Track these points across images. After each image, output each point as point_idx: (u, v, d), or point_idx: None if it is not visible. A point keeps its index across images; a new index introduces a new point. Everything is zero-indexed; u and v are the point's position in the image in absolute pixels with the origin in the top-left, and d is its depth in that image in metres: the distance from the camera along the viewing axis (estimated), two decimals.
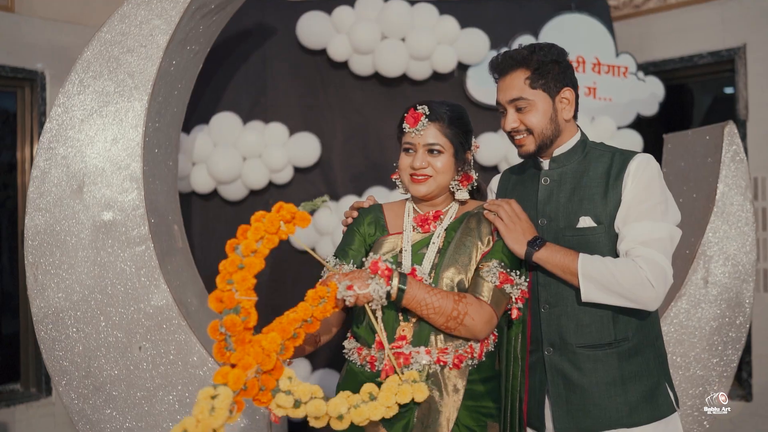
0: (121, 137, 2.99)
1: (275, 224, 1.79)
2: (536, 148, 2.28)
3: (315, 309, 1.83)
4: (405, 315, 2.13)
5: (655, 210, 2.14)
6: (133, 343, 2.95)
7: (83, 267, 2.95)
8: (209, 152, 4.27)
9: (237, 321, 1.70)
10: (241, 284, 1.73)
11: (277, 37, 4.55)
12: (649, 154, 2.25)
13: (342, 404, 1.82)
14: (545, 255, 2.14)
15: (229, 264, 1.75)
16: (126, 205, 2.97)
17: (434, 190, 2.25)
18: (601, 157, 2.28)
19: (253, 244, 1.77)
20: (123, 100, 2.99)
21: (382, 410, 1.87)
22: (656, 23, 5.24)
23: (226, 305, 1.71)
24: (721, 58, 5.01)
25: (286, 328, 1.77)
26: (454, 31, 4.47)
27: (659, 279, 2.07)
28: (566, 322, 2.25)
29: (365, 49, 4.33)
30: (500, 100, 2.30)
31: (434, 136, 2.20)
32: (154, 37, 3.00)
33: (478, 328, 2.08)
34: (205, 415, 1.55)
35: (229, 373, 1.64)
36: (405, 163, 2.25)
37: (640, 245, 2.10)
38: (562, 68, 2.27)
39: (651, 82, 4.98)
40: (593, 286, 2.09)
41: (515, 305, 2.20)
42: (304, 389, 1.78)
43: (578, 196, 2.24)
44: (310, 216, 1.85)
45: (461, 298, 2.08)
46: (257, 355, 1.70)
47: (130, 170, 2.99)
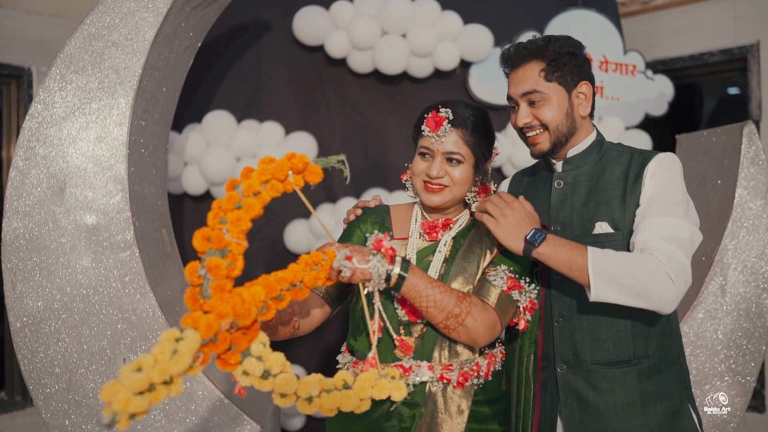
0: (105, 136, 2.86)
1: (284, 171, 1.66)
2: (551, 146, 2.16)
3: (306, 274, 1.67)
4: (407, 328, 2.01)
5: (677, 207, 2.00)
6: (117, 354, 2.82)
7: (64, 274, 2.81)
8: (202, 152, 4.19)
9: (221, 264, 1.54)
10: (235, 224, 1.58)
11: (273, 33, 4.48)
12: (672, 153, 2.12)
13: (314, 385, 1.66)
14: (547, 250, 1.91)
15: (225, 201, 1.61)
16: (110, 208, 2.84)
17: (448, 202, 2.12)
18: (618, 158, 2.16)
19: (256, 185, 1.64)
20: (107, 97, 2.86)
21: (354, 401, 1.71)
22: (665, 20, 5.16)
23: (212, 245, 1.56)
24: (733, 56, 4.92)
25: (272, 285, 1.60)
26: (456, 27, 4.41)
27: (680, 276, 1.89)
28: (581, 337, 2.12)
29: (364, 45, 4.27)
30: (512, 94, 2.19)
31: (455, 143, 2.06)
32: (141, 30, 2.87)
33: (480, 331, 1.94)
34: (165, 356, 1.37)
35: (201, 318, 1.46)
36: (419, 168, 2.11)
37: (659, 239, 1.94)
38: (579, 61, 2.15)
39: (660, 80, 4.93)
40: (603, 282, 1.87)
41: (523, 315, 2.07)
42: (276, 359, 1.60)
43: (594, 200, 2.12)
44: (322, 171, 1.71)
45: (465, 296, 1.95)
46: (236, 306, 1.52)
47: (114, 171, 2.85)
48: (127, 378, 1.31)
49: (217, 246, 1.56)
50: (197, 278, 1.55)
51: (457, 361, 2.01)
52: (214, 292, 1.53)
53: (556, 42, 2.14)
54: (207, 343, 1.48)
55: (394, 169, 4.42)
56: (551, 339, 2.16)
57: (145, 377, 1.33)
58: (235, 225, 1.58)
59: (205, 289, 1.54)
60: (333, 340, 4.33)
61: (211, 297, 1.53)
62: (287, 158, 1.68)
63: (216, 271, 1.54)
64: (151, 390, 1.34)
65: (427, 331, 2.02)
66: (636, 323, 2.08)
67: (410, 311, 2.00)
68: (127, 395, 1.30)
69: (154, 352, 1.37)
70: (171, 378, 1.38)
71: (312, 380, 1.67)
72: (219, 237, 1.56)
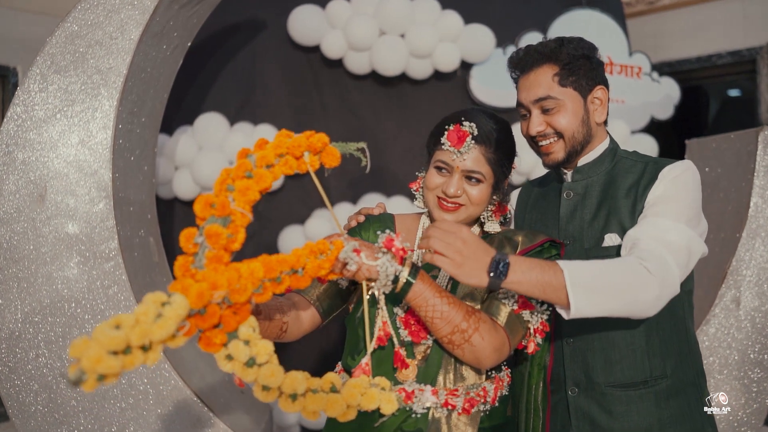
0: (88, 140, 2.76)
1: (301, 148, 1.58)
2: (566, 155, 2.03)
3: (310, 261, 1.56)
4: (410, 349, 1.88)
5: (680, 212, 1.86)
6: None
7: (45, 285, 2.72)
8: (193, 156, 4.12)
9: (222, 233, 1.44)
10: (243, 193, 1.49)
11: (268, 33, 4.43)
12: (690, 162, 1.99)
13: (301, 382, 1.53)
14: (516, 277, 1.66)
15: (236, 169, 1.53)
16: (93, 216, 2.75)
17: (463, 221, 1.99)
18: (632, 167, 2.04)
19: (271, 157, 1.56)
20: (90, 99, 2.76)
21: (341, 407, 1.58)
22: (672, 20, 5.12)
23: (215, 212, 1.46)
24: (742, 57, 4.87)
25: (272, 266, 1.50)
26: (457, 27, 4.36)
27: (662, 276, 1.73)
28: (593, 358, 2.00)
29: (362, 45, 4.21)
30: (523, 101, 2.05)
31: (477, 162, 1.92)
32: (126, 28, 2.77)
33: (486, 351, 1.80)
34: (147, 318, 1.24)
35: (192, 286, 1.33)
36: (434, 182, 1.97)
37: (650, 239, 1.80)
38: (593, 64, 2.04)
39: (666, 83, 4.90)
40: (583, 294, 1.68)
41: (533, 338, 1.94)
42: (264, 347, 1.48)
43: (604, 211, 2.00)
44: (340, 156, 1.63)
45: (474, 311, 1.81)
46: (232, 279, 1.41)
47: (98, 177, 2.75)
48: (102, 334, 1.18)
49: (220, 213, 1.47)
50: (192, 246, 1.45)
51: (462, 385, 1.88)
52: (209, 263, 1.43)
53: (570, 44, 2.02)
54: (194, 315, 1.36)
55: (392, 173, 4.37)
56: (561, 360, 2.05)
57: (122, 336, 1.19)
58: (242, 194, 1.50)
59: (199, 259, 1.44)
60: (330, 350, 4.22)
61: (204, 268, 1.43)
62: (306, 136, 1.60)
63: (215, 239, 1.44)
64: (126, 352, 1.21)
65: (431, 353, 1.89)
66: (652, 341, 1.97)
67: (414, 331, 1.88)
68: (99, 353, 1.16)
69: (137, 312, 1.25)
70: (150, 344, 1.25)
71: (299, 376, 1.54)
72: (224, 204, 1.47)
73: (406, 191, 4.28)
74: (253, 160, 1.55)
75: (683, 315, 2.02)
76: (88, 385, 1.15)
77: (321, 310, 2.01)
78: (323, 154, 1.62)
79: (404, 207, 4.13)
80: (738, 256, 2.99)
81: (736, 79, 5.17)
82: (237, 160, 1.56)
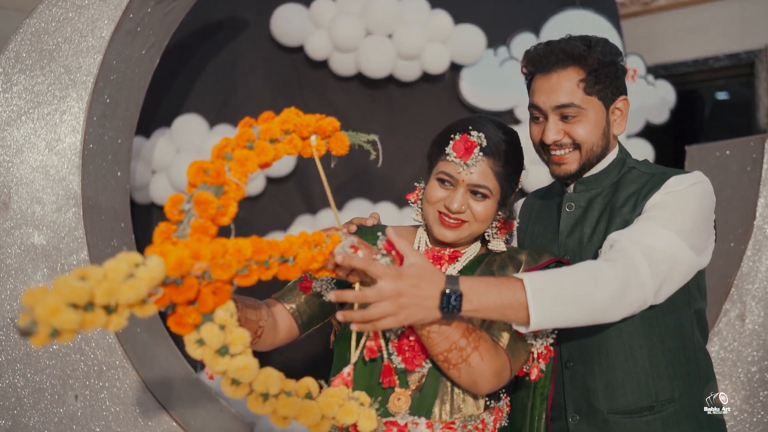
0: (55, 144, 2.67)
1: (309, 128, 1.52)
2: (579, 168, 1.92)
3: (303, 251, 1.47)
4: (403, 378, 1.75)
5: (672, 221, 1.73)
6: (67, 391, 2.62)
7: (8, 300, 2.62)
8: (171, 159, 4.05)
9: (212, 201, 1.35)
10: (241, 164, 1.41)
11: (249, 32, 4.37)
12: (702, 175, 1.86)
13: (275, 381, 1.42)
14: (473, 306, 1.52)
15: (236, 137, 1.46)
16: (61, 225, 2.66)
17: (464, 239, 1.85)
18: (638, 178, 1.92)
19: (276, 131, 1.48)
20: (58, 100, 2.67)
21: (315, 416, 1.46)
22: (668, 22, 5.12)
23: (209, 179, 1.37)
24: (740, 60, 4.88)
25: (262, 248, 1.40)
26: (446, 27, 4.28)
27: (624, 270, 1.60)
28: (593, 382, 1.88)
29: (348, 46, 4.14)
30: (540, 104, 1.92)
31: (484, 176, 1.79)
32: (97, 25, 2.67)
33: (484, 374, 1.66)
34: (117, 276, 1.14)
35: (171, 252, 1.23)
36: (436, 196, 1.84)
37: (627, 241, 1.68)
38: (619, 72, 1.92)
39: (661, 86, 4.85)
40: (539, 305, 1.54)
41: (536, 363, 1.81)
42: (240, 336, 1.38)
43: (603, 224, 1.89)
44: (348, 145, 1.57)
45: (475, 329, 1.67)
46: (216, 253, 1.31)
47: (66, 183, 2.66)
48: (64, 284, 1.08)
49: (214, 181, 1.37)
50: (178, 213, 1.36)
51: (460, 417, 1.75)
52: (194, 232, 1.34)
53: (597, 46, 1.88)
54: (170, 284, 1.25)
55: (379, 178, 4.30)
56: (561, 385, 1.94)
57: (86, 289, 1.09)
58: (240, 164, 1.41)
59: (183, 228, 1.35)
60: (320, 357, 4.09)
61: (187, 238, 1.34)
62: (316, 118, 1.54)
63: (204, 207, 1.34)
64: (87, 309, 1.11)
65: (426, 382, 1.75)
66: (656, 362, 1.85)
67: (408, 358, 1.74)
68: (56, 302, 1.06)
69: (106, 267, 1.14)
70: (116, 305, 1.15)
71: (274, 374, 1.43)
72: (219, 171, 1.38)
73: (393, 198, 4.24)
74: (257, 132, 1.48)
75: (691, 333, 1.90)
76: (39, 338, 1.05)
77: (300, 321, 1.89)
78: (331, 140, 1.55)
79: (391, 214, 4.08)
80: (743, 269, 2.89)
81: (734, 82, 5.16)
82: (239, 129, 1.48)
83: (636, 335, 1.84)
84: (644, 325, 1.83)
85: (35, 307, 1.04)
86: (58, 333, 1.06)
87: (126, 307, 1.16)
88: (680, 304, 1.85)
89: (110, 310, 1.13)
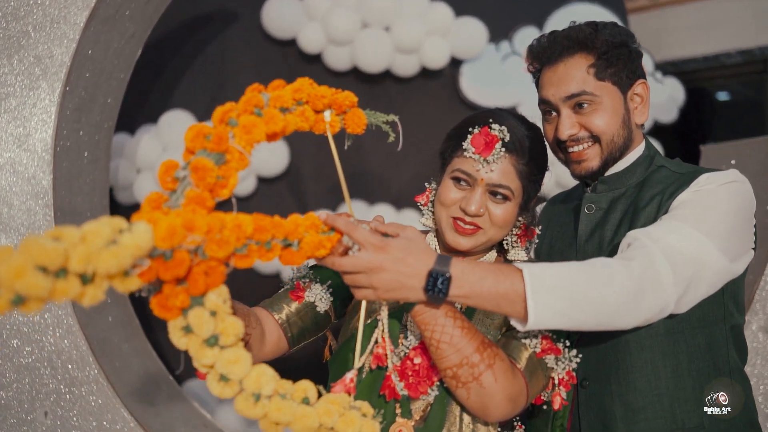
0: (24, 140, 2.54)
1: (324, 100, 1.44)
2: (601, 163, 1.79)
3: (310, 235, 1.35)
4: (406, 406, 1.60)
5: (702, 220, 1.58)
6: (36, 406, 2.50)
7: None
8: (157, 157, 4.01)
9: (211, 168, 1.24)
10: (247, 130, 1.30)
11: (240, 24, 4.36)
12: (738, 173, 1.69)
13: (269, 381, 1.29)
14: (463, 291, 1.40)
15: (243, 102, 1.35)
16: (30, 227, 2.54)
17: (480, 246, 1.70)
18: (667, 177, 1.76)
19: (288, 99, 1.39)
20: (27, 92, 2.53)
21: (312, 423, 1.30)
22: (677, 17, 5.12)
23: (209, 145, 1.27)
24: (753, 57, 4.85)
25: (265, 226, 1.29)
26: (446, 20, 4.26)
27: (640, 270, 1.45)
28: (611, 404, 1.73)
29: (342, 39, 4.13)
30: (550, 98, 1.80)
31: (506, 174, 1.64)
32: (70, 10, 2.53)
33: (497, 398, 1.49)
34: (97, 240, 1.01)
35: (162, 220, 1.12)
36: (451, 197, 1.69)
37: (647, 238, 1.55)
38: (633, 55, 1.80)
39: (670, 83, 4.81)
40: (539, 300, 1.40)
41: (558, 390, 1.64)
42: (232, 325, 1.25)
43: (625, 227, 1.74)
44: (366, 124, 1.52)
45: (491, 345, 1.53)
46: (213, 226, 1.19)
47: (35, 182, 2.53)
48: (34, 243, 0.96)
49: (215, 147, 1.27)
50: (171, 181, 1.25)
51: None
52: (188, 203, 1.23)
53: (605, 29, 1.78)
54: (158, 257, 1.13)
55: (376, 179, 4.29)
56: (576, 407, 1.80)
57: (59, 250, 0.97)
58: (246, 131, 1.30)
59: (176, 198, 1.24)
60: None
61: (180, 207, 1.24)
62: (332, 91, 1.46)
63: (201, 175, 1.23)
64: (59, 276, 0.98)
65: (432, 411, 1.60)
66: (682, 384, 1.68)
67: (411, 384, 1.59)
68: (24, 263, 0.94)
69: (86, 229, 1.02)
70: (93, 274, 1.01)
71: (268, 373, 1.29)
72: (221, 137, 1.27)
73: (390, 199, 4.20)
74: (266, 98, 1.38)
75: (726, 352, 1.73)
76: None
77: (289, 333, 1.72)
78: (347, 116, 1.49)
79: (388, 216, 4.03)
80: (766, 278, 2.72)
81: (746, 80, 5.13)
82: (246, 93, 1.37)
83: (660, 352, 1.67)
84: (670, 341, 1.67)
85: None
86: (22, 301, 0.94)
87: (105, 277, 1.03)
88: (714, 319, 1.69)
89: (86, 280, 1.00)
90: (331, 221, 1.38)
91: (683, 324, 1.64)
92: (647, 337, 1.66)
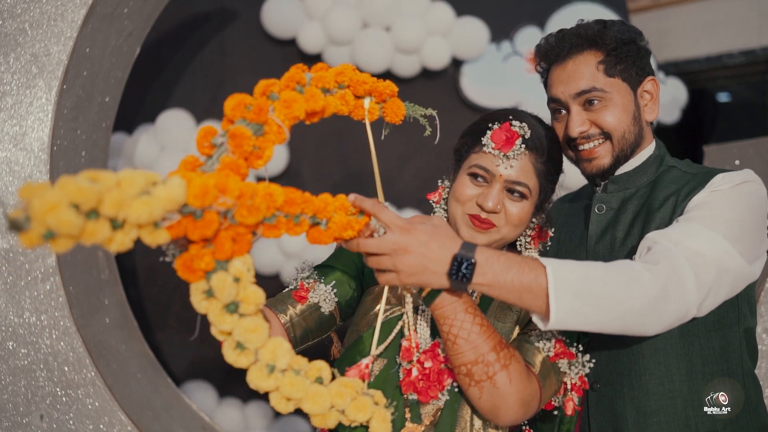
0: (20, 139, 2.50)
1: (365, 86, 1.47)
2: (613, 160, 1.78)
3: (337, 215, 1.36)
4: (415, 411, 1.58)
5: (719, 222, 1.55)
6: (32, 410, 2.46)
7: None
8: (155, 156, 4.03)
9: (248, 136, 1.27)
10: (287, 106, 1.33)
11: (239, 23, 4.36)
12: (752, 173, 1.67)
13: (285, 354, 1.31)
14: (486, 280, 1.38)
15: (285, 78, 1.38)
16: None
17: (494, 244, 1.68)
18: (679, 177, 1.76)
19: (330, 81, 1.42)
20: (24, 90, 2.50)
21: (324, 403, 1.33)
22: (679, 17, 5.11)
23: (249, 115, 1.30)
24: (756, 57, 4.83)
25: (295, 199, 1.30)
26: (447, 20, 4.26)
27: (664, 276, 1.42)
28: (622, 407, 1.71)
29: (342, 39, 4.14)
30: (559, 95, 1.79)
31: (525, 172, 1.64)
32: (67, 8, 2.49)
33: (509, 401, 1.47)
34: (130, 188, 1.04)
35: (195, 179, 1.14)
36: (468, 194, 1.68)
37: (668, 242, 1.51)
38: (642, 51, 1.79)
39: (672, 84, 4.78)
40: (567, 302, 1.38)
41: (570, 395, 1.62)
42: (254, 294, 1.27)
43: (638, 228, 1.73)
44: (404, 115, 1.55)
45: (508, 346, 1.52)
46: (245, 191, 1.20)
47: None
48: (69, 181, 0.98)
49: (254, 118, 1.30)
50: (208, 146, 1.28)
51: None
52: (223, 167, 1.25)
53: (614, 26, 1.78)
54: (188, 214, 1.15)
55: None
56: (586, 410, 1.78)
57: (94, 191, 1.00)
58: (286, 105, 1.33)
59: (211, 163, 1.27)
60: None
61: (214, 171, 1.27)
62: (373, 79, 1.49)
63: (239, 142, 1.26)
64: (90, 217, 1.01)
65: (442, 416, 1.58)
66: (696, 387, 1.67)
67: (422, 388, 1.57)
68: (57, 199, 0.96)
69: (121, 176, 1.06)
70: (124, 221, 1.05)
71: (285, 345, 1.32)
72: (262, 108, 1.30)
73: (391, 199, 4.17)
74: (309, 78, 1.41)
75: (740, 356, 1.71)
76: (29, 237, 0.95)
77: (292, 334, 1.69)
78: (387, 105, 1.52)
79: None
80: None
81: (749, 80, 5.12)
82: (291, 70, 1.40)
83: (674, 355, 1.66)
84: (685, 343, 1.65)
85: (32, 201, 0.94)
86: (52, 236, 0.96)
87: (134, 226, 1.06)
88: (728, 322, 1.66)
89: (116, 226, 1.04)
90: (359, 202, 1.38)
91: (698, 327, 1.62)
92: (661, 339, 1.65)
